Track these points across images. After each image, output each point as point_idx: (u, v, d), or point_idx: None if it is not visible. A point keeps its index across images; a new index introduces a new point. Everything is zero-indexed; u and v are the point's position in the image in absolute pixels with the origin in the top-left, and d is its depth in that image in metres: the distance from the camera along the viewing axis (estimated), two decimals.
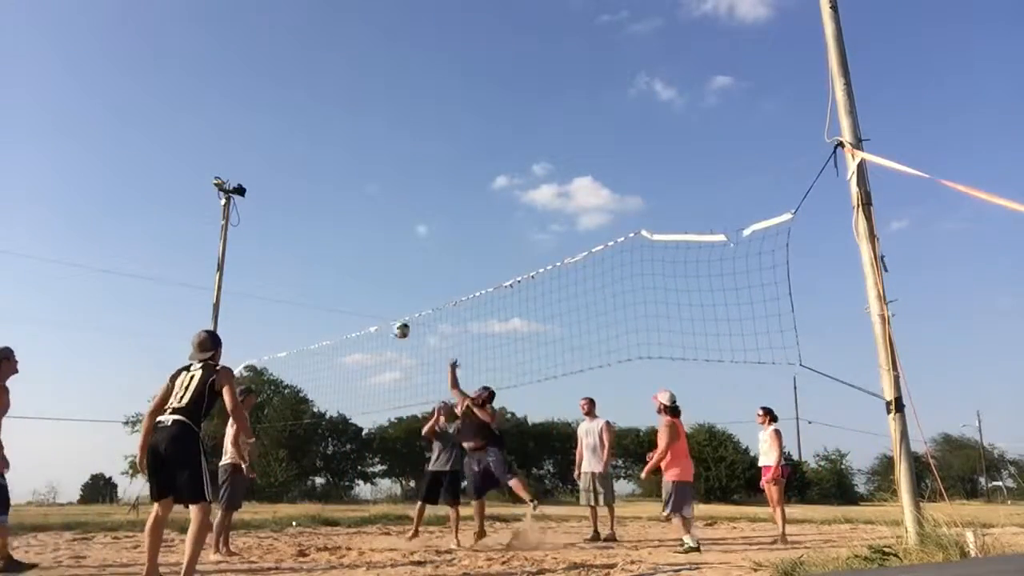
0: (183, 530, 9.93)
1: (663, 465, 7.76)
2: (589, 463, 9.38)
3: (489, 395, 8.57)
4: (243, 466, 7.57)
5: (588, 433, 9.50)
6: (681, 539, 7.55)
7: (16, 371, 6.02)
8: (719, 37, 70.22)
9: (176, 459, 4.70)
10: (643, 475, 7.86)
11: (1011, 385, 65.91)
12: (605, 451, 9.30)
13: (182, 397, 4.85)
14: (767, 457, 9.19)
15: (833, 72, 5.59)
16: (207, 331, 5.31)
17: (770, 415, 9.36)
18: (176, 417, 4.76)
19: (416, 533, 8.81)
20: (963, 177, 5.40)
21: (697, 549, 7.33)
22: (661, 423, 7.93)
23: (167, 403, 4.89)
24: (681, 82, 71.70)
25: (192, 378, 4.92)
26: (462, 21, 75.38)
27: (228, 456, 7.66)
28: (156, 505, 4.83)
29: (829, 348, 42.95)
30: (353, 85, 74.54)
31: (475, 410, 8.35)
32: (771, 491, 9.13)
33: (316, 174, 71.86)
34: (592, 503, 9.29)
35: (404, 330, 9.16)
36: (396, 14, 74.26)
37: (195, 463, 4.72)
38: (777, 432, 9.21)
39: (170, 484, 4.74)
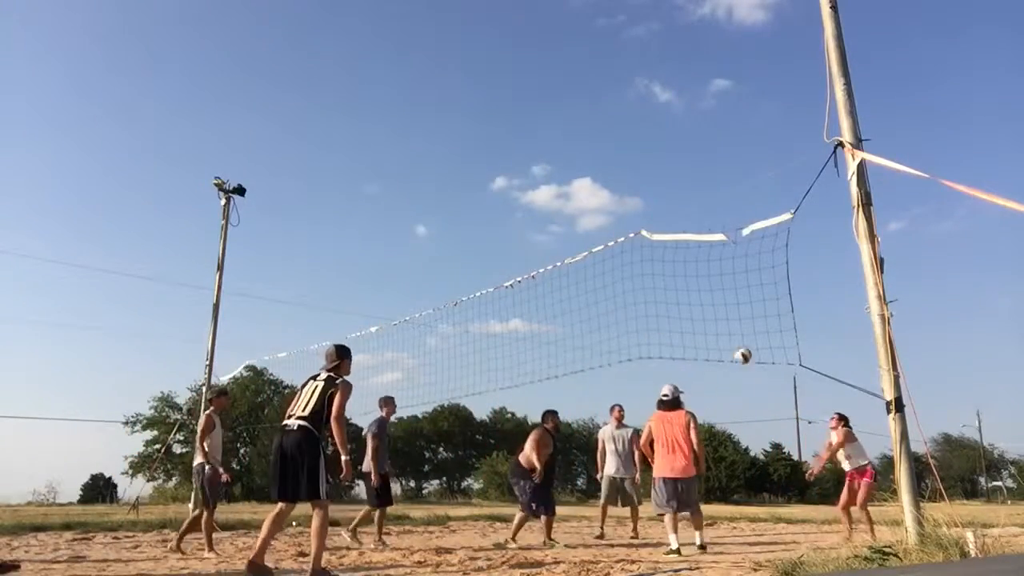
0: (175, 528, 9.96)
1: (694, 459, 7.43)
2: (619, 469, 9.71)
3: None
4: (207, 467, 7.53)
5: (616, 440, 9.82)
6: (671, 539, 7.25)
7: None
8: (717, 40, 70.27)
9: (300, 461, 5.24)
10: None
11: (1011, 385, 65.90)
12: (636, 459, 9.62)
13: (306, 405, 5.41)
14: (852, 461, 9.09)
15: (833, 72, 5.58)
16: (336, 345, 5.77)
17: (844, 421, 9.23)
18: (300, 423, 5.34)
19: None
20: (961, 177, 5.38)
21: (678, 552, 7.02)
22: (691, 417, 7.55)
23: (291, 410, 5.47)
24: (680, 84, 71.90)
25: (316, 388, 5.48)
26: (461, 23, 75.43)
27: (200, 456, 7.65)
28: (280, 503, 5.36)
29: (829, 348, 42.98)
30: (352, 86, 74.59)
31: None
32: (864, 491, 8.93)
33: (316, 175, 72.01)
34: (615, 504, 9.78)
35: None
36: (396, 17, 74.30)
37: (315, 465, 5.27)
38: (846, 432, 9.11)
39: (293, 484, 5.27)
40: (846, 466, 9.20)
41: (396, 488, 37.88)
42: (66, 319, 58.43)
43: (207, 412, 7.86)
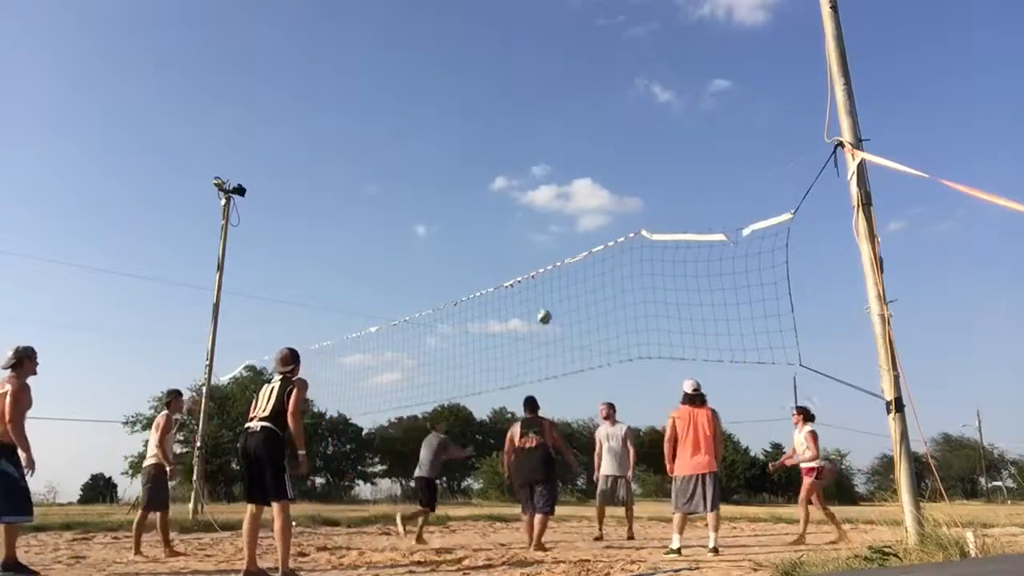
0: (183, 530, 9.99)
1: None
2: (611, 467, 9.59)
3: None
4: (167, 468, 7.48)
5: (610, 437, 9.70)
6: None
7: (35, 372, 6.01)
8: (717, 40, 70.21)
9: (263, 460, 5.31)
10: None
11: (1011, 385, 65.85)
12: (632, 457, 9.56)
13: (265, 406, 5.48)
14: (804, 458, 9.04)
15: (833, 72, 5.58)
16: (288, 348, 5.79)
17: (805, 415, 9.20)
18: (263, 424, 5.40)
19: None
20: (961, 177, 5.38)
21: (675, 552, 6.94)
22: (715, 413, 7.39)
23: (253, 413, 5.53)
24: (679, 85, 71.73)
25: (272, 389, 5.55)
26: (461, 23, 75.42)
27: (152, 458, 7.59)
28: (250, 505, 5.41)
29: (829, 348, 42.95)
30: (352, 87, 74.58)
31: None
32: (807, 489, 8.87)
33: (316, 175, 71.91)
34: (611, 504, 9.67)
35: (546, 319, 8.45)
36: (396, 17, 74.27)
37: (278, 465, 5.33)
38: (812, 433, 9.04)
39: (260, 485, 5.34)
40: (804, 463, 9.07)
41: (396, 488, 38.08)
42: (66, 319, 58.38)
43: (165, 413, 7.76)
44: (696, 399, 7.38)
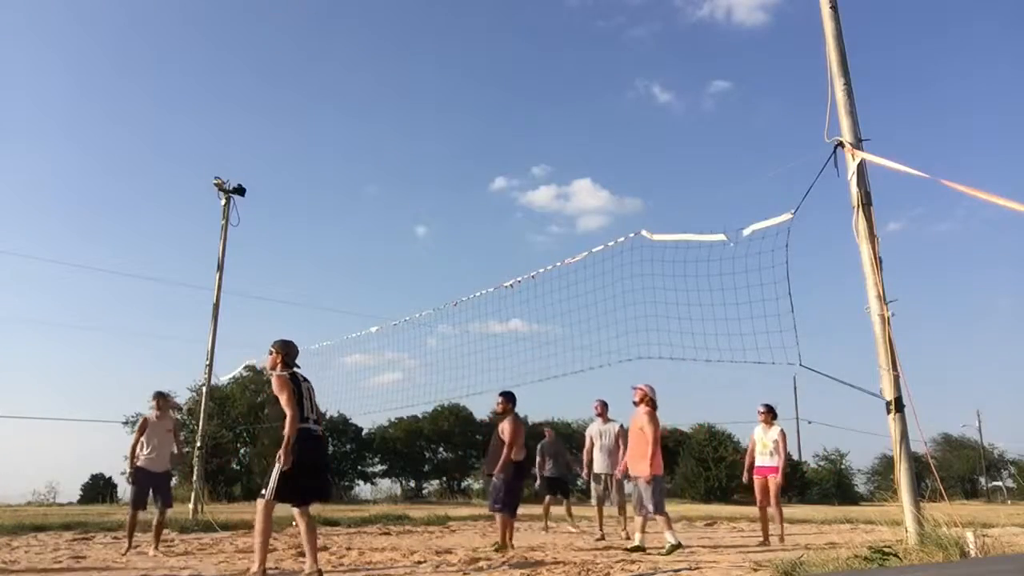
0: (183, 530, 9.99)
1: (638, 460, 7.43)
2: (604, 465, 9.50)
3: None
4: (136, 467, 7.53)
5: (603, 435, 9.60)
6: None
7: None
8: (717, 41, 70.11)
9: (326, 464, 5.50)
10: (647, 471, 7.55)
11: (1011, 385, 65.82)
12: (621, 454, 9.38)
13: (315, 408, 5.43)
14: (773, 458, 8.92)
15: (833, 72, 5.58)
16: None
17: (773, 413, 9.12)
18: (321, 428, 5.43)
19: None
20: (961, 177, 5.38)
21: (680, 545, 7.07)
22: (643, 412, 7.52)
23: (307, 414, 5.33)
24: (679, 86, 71.50)
25: (311, 389, 5.49)
26: (461, 23, 75.30)
27: (140, 460, 7.69)
28: (273, 504, 5.18)
29: (829, 348, 42.95)
30: (352, 87, 74.39)
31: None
32: (776, 490, 8.90)
33: (316, 175, 71.76)
34: (607, 504, 9.59)
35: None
36: (396, 16, 74.21)
37: None
38: (784, 433, 9.05)
39: (324, 488, 5.53)
40: (768, 462, 8.98)
41: (396, 488, 38.06)
42: (66, 319, 58.35)
43: (147, 416, 7.85)
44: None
